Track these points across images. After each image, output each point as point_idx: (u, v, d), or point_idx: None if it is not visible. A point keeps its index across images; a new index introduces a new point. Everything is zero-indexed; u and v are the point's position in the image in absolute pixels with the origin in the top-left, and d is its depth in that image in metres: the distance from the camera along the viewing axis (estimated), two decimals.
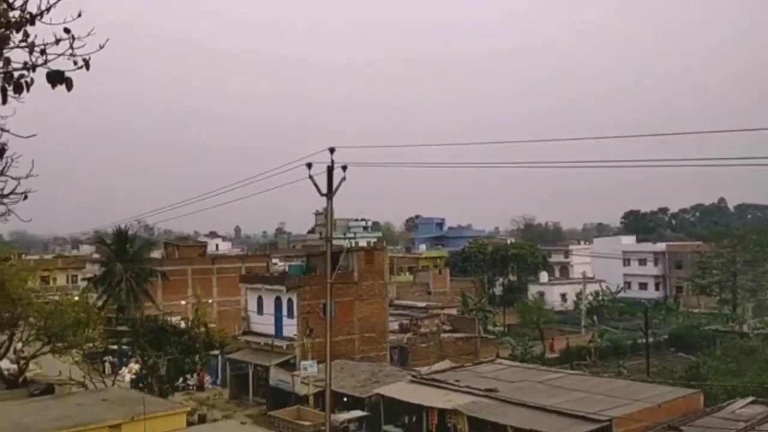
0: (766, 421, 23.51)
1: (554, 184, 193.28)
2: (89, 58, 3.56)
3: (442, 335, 48.14)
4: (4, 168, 4.07)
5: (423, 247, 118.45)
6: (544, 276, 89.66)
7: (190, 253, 66.88)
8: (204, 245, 78.10)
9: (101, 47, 3.66)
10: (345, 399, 33.20)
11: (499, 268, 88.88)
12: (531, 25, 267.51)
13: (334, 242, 34.03)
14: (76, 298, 40.86)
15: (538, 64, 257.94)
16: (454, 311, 60.09)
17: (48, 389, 34.17)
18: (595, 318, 64.09)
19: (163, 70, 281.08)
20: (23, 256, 47.69)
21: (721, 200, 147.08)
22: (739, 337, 51.94)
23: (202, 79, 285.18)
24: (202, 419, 32.79)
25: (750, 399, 27.53)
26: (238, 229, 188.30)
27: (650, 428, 24.78)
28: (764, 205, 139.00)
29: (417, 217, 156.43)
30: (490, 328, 62.08)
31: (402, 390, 31.78)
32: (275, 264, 72.15)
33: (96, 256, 65.32)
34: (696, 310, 74.55)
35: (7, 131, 3.87)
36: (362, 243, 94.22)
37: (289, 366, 39.36)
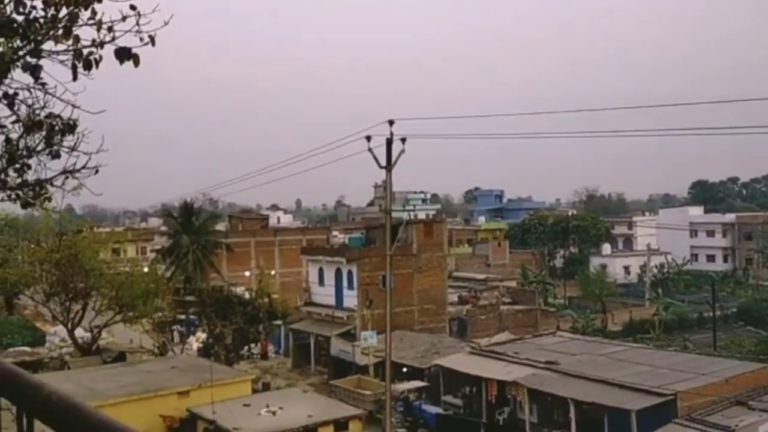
0: None
1: (618, 153, 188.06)
2: (155, 35, 3.65)
3: (502, 307, 47.94)
4: (75, 143, 4.22)
5: (482, 219, 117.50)
6: (606, 248, 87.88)
7: (253, 226, 68.19)
8: (266, 218, 79.44)
9: (166, 23, 3.74)
10: (404, 369, 33.54)
11: (560, 240, 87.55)
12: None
13: (393, 215, 34.16)
14: (146, 270, 42.28)
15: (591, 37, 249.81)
16: (513, 284, 59.70)
17: (120, 357, 35.70)
18: (660, 291, 62.65)
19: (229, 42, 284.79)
20: (95, 228, 49.47)
21: None
22: None
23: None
24: (266, 387, 33.67)
25: None
26: (298, 202, 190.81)
27: (717, 403, 24.24)
28: None
29: (476, 188, 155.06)
30: (550, 300, 61.48)
31: (461, 361, 31.91)
32: (335, 236, 72.86)
33: (164, 228, 67.30)
34: (766, 283, 71.92)
35: (78, 107, 4.01)
36: (421, 215, 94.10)
37: (349, 336, 39.91)
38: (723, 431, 22.23)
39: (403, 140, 23.15)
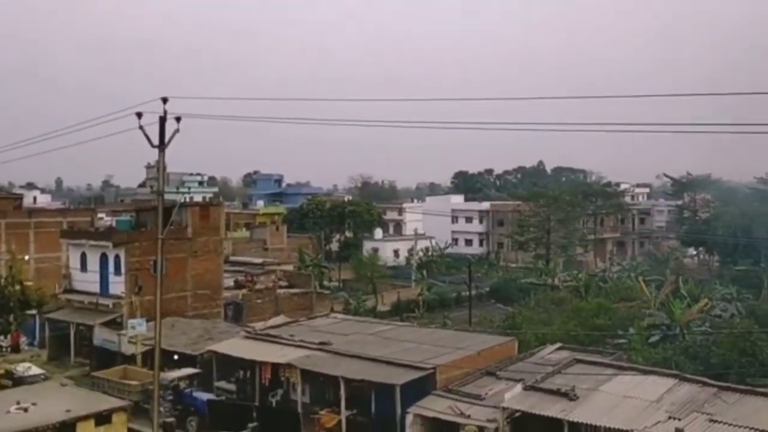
0: (571, 365, 26.06)
1: (390, 144, 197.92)
2: None
3: (278, 291, 48.24)
4: None
5: (261, 203, 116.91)
6: (378, 233, 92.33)
7: (4, 206, 61.15)
8: (20, 197, 71.68)
9: None
10: (176, 357, 32.44)
11: (336, 225, 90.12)
12: None
13: (167, 197, 32.69)
14: None
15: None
16: (290, 267, 60.28)
17: None
18: (425, 272, 67.20)
19: None
20: None
21: (540, 163, 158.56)
22: (550, 289, 56.78)
23: None
24: (19, 382, 30.67)
25: (558, 345, 30.42)
26: (59, 181, 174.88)
27: (470, 374, 26.72)
28: (577, 168, 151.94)
29: (255, 172, 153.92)
30: (325, 283, 63.07)
31: (235, 346, 31.65)
32: (101, 219, 68.06)
33: None
34: (514, 265, 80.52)
35: None
36: (197, 198, 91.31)
37: (115, 325, 37.69)
38: (475, 399, 24.59)
39: (178, 119, 22.26)
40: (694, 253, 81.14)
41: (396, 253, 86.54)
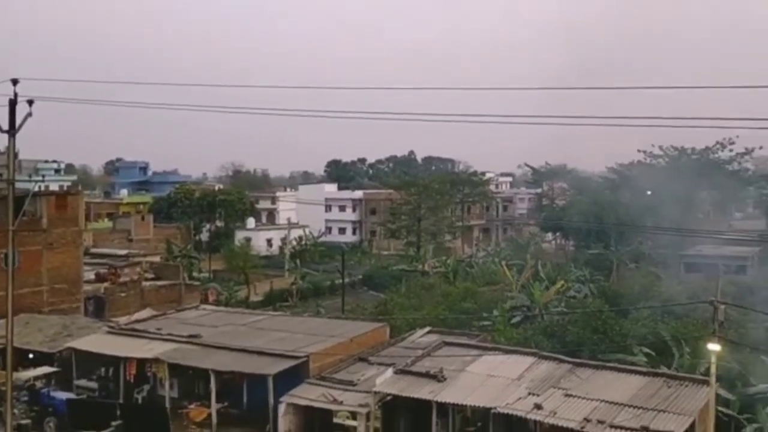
0: (439, 348, 27.00)
1: (264, 131, 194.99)
2: None
3: (144, 283, 46.38)
4: None
5: (124, 192, 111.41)
6: (251, 222, 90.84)
7: None
8: None
9: None
10: (31, 356, 30.39)
11: (206, 215, 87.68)
12: None
13: (19, 185, 30.43)
14: None
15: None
16: (157, 258, 58.15)
17: None
18: (298, 261, 67.00)
19: None
20: None
21: (411, 153, 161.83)
22: (420, 276, 58.46)
23: None
24: None
25: (427, 329, 31.33)
26: None
27: (343, 360, 27.00)
28: (446, 158, 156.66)
29: (118, 160, 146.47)
30: (195, 274, 61.40)
31: (97, 342, 30.13)
32: None
33: None
34: (386, 252, 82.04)
35: None
36: (53, 187, 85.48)
37: None
38: (347, 386, 24.90)
39: (30, 102, 20.80)
40: (552, 238, 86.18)
41: (269, 242, 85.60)
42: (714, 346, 21.33)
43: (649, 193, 71.72)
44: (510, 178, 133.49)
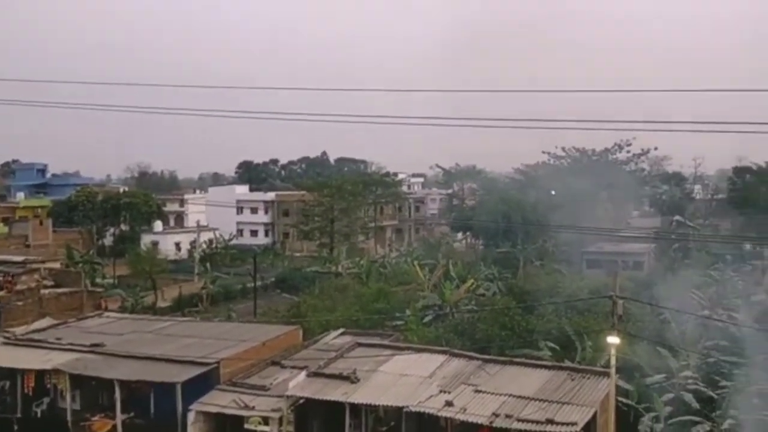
0: (352, 349, 27.02)
1: (172, 131, 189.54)
2: None
3: (43, 291, 44.05)
4: None
5: (21, 195, 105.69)
6: (158, 225, 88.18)
7: None
8: None
9: None
10: None
11: (110, 218, 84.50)
12: None
13: None
14: None
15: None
16: (57, 265, 55.36)
17: None
18: (208, 265, 65.55)
19: None
20: None
21: (324, 154, 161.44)
22: (334, 277, 58.34)
23: None
24: None
25: (341, 330, 31.33)
26: None
27: (255, 365, 26.61)
28: (359, 159, 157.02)
29: (14, 161, 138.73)
30: (98, 281, 58.90)
31: None
32: None
33: None
34: (299, 254, 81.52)
35: None
36: None
37: None
38: (259, 390, 24.56)
39: None
40: (462, 237, 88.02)
41: (177, 246, 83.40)
42: (613, 339, 22.39)
43: (553, 192, 74.51)
44: (422, 179, 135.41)
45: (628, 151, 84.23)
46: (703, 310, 37.72)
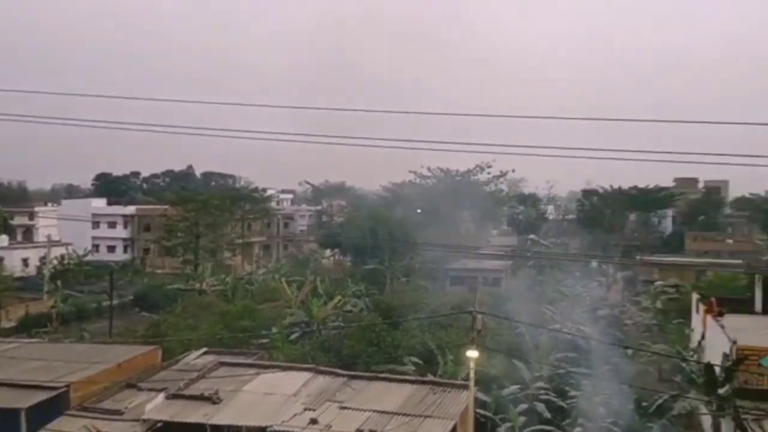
0: (215, 369, 26.29)
1: (20, 140, 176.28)
2: None
3: None
4: None
5: None
6: (3, 240, 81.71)
7: None
8: None
9: None
10: None
11: None
12: None
13: None
14: None
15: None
16: None
17: None
18: (59, 282, 61.40)
19: None
20: None
21: (190, 167, 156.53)
22: (198, 294, 56.60)
23: None
24: None
25: (203, 350, 30.39)
26: None
27: (109, 388, 25.22)
28: (226, 173, 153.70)
29: None
30: None
31: None
32: None
33: None
34: (161, 271, 78.31)
35: None
36: None
37: None
38: (113, 415, 23.27)
39: None
40: (331, 254, 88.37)
41: (25, 262, 77.72)
42: (472, 353, 23.28)
43: (419, 211, 76.58)
44: (291, 195, 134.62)
45: (489, 173, 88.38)
46: (555, 323, 40.17)
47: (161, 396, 23.29)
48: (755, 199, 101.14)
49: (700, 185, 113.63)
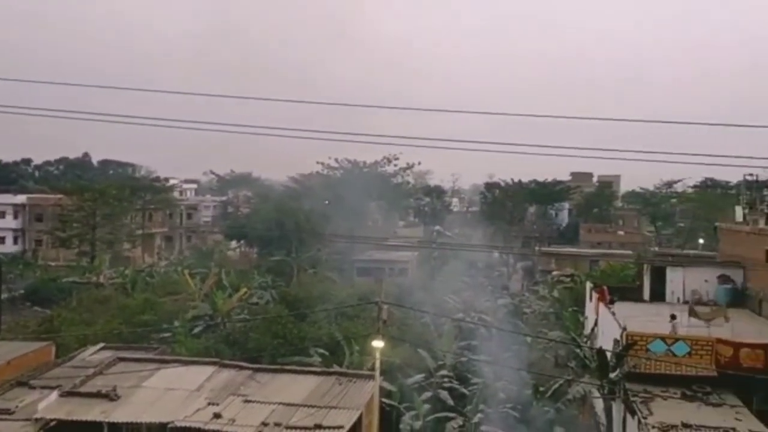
0: (113, 365, 25.37)
1: None
2: None
3: None
4: None
5: None
6: None
7: None
8: None
9: None
10: None
11: None
12: None
13: None
14: None
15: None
16: None
17: None
18: None
19: None
20: None
21: (86, 155, 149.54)
22: (95, 288, 54.35)
23: None
24: None
25: (101, 345, 29.22)
26: None
27: None
28: (125, 162, 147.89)
29: None
30: None
31: None
32: None
33: None
34: (55, 263, 74.58)
35: None
36: None
37: None
38: (3, 414, 22.04)
39: None
40: (237, 245, 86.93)
41: None
42: (378, 343, 23.57)
43: (326, 202, 76.46)
44: (195, 185, 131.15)
45: (395, 165, 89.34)
46: (458, 313, 41.20)
47: (55, 394, 22.28)
48: (644, 193, 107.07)
49: (594, 179, 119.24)
